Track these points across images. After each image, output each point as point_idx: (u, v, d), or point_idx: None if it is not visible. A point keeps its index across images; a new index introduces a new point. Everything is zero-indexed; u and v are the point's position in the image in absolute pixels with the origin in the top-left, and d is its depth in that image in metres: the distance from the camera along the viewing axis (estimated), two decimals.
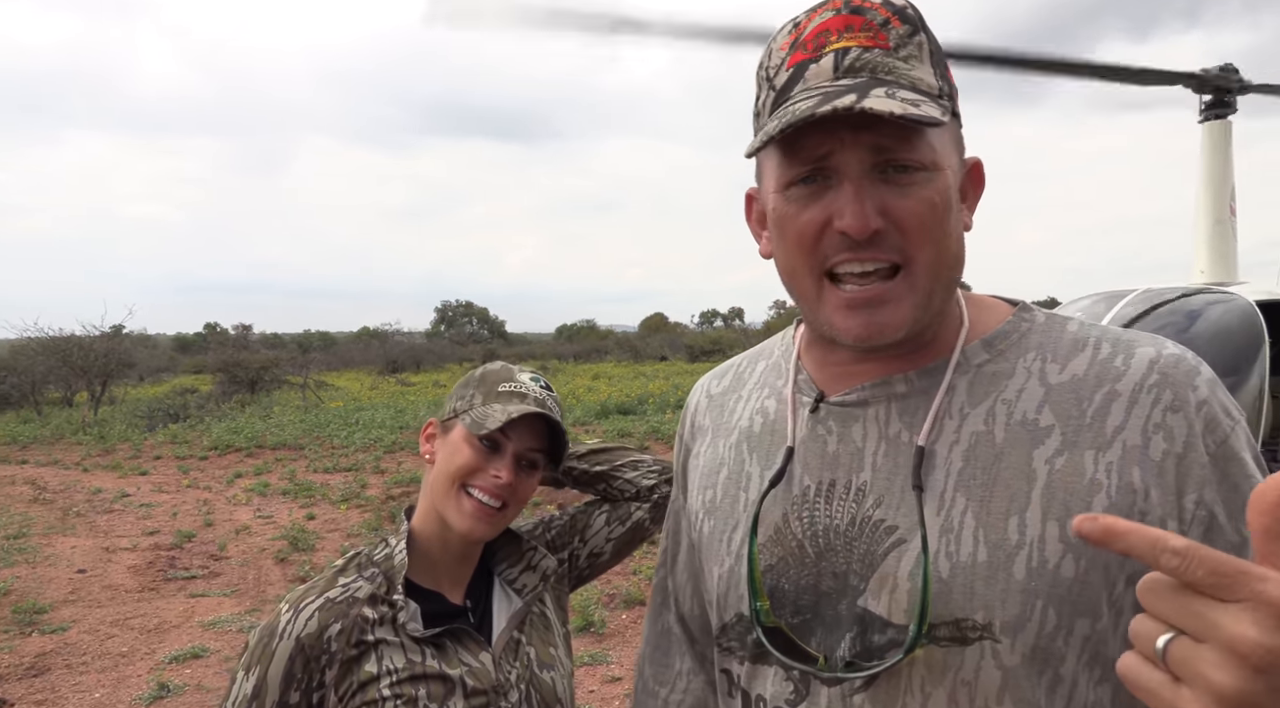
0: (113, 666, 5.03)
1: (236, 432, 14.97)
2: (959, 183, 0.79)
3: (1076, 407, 0.75)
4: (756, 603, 0.82)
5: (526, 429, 1.21)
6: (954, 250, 0.77)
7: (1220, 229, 6.12)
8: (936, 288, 0.77)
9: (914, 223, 0.73)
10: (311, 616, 1.12)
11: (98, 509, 9.45)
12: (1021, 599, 0.71)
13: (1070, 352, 0.78)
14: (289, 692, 1.09)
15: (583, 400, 18.39)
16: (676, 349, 40.33)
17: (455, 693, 1.14)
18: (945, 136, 0.76)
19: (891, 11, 0.75)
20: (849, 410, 0.83)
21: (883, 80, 0.72)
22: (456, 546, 1.24)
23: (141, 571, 6.96)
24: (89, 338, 20.72)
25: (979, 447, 0.76)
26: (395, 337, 43.68)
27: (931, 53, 0.76)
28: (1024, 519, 0.73)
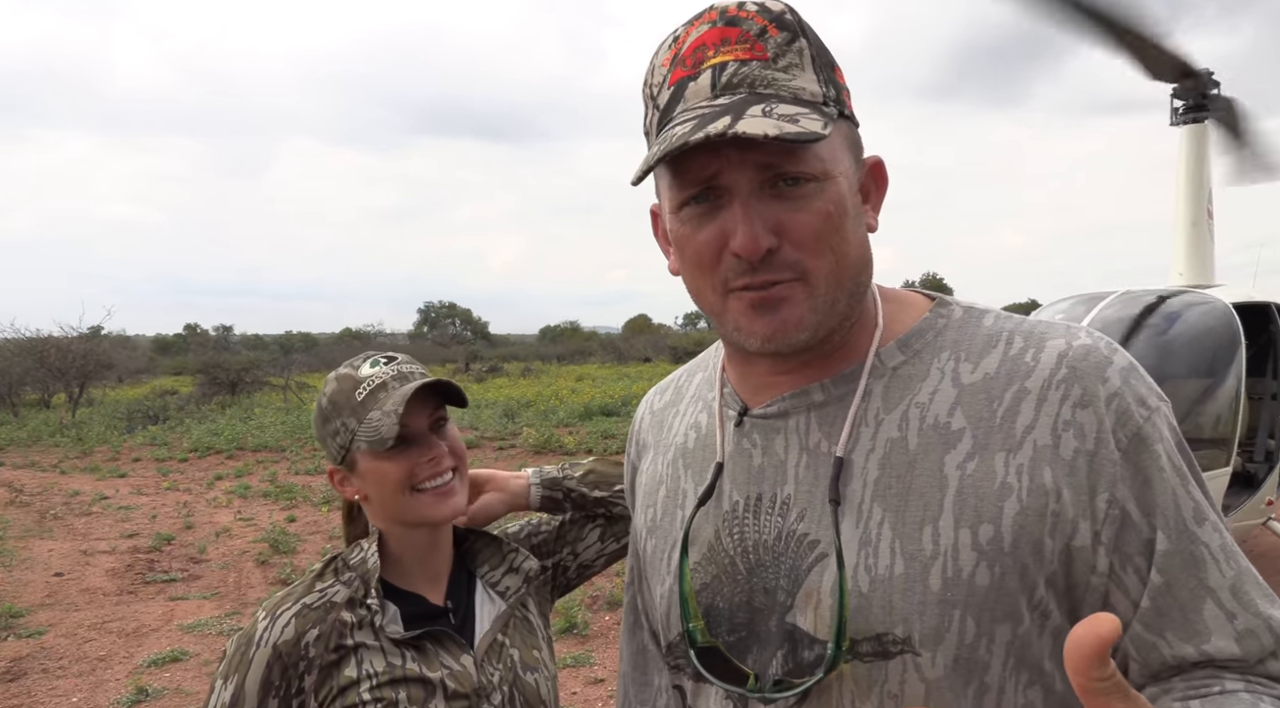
0: (90, 670, 4.97)
1: (217, 434, 14.85)
2: (856, 185, 0.77)
3: (988, 407, 0.73)
4: (689, 624, 0.81)
5: (414, 404, 1.17)
6: (855, 256, 0.76)
7: (1197, 232, 6.19)
8: (839, 295, 0.75)
9: (808, 236, 0.72)
10: (288, 623, 1.11)
11: (75, 512, 9.34)
12: (939, 611, 0.70)
13: (984, 349, 0.76)
14: (267, 700, 1.08)
15: (566, 402, 18.36)
16: (660, 350, 40.36)
17: (436, 696, 1.13)
18: (836, 142, 0.74)
19: (768, 19, 0.73)
20: (770, 423, 0.82)
21: (761, 95, 0.71)
22: (422, 540, 1.23)
23: (120, 573, 6.88)
24: (66, 339, 20.50)
25: (894, 454, 0.75)
26: (378, 338, 43.47)
27: (814, 57, 0.74)
28: (937, 528, 0.71)
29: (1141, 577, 0.70)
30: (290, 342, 51.61)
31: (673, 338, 42.70)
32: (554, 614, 5.64)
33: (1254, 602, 0.70)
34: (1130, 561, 0.70)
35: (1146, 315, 5.27)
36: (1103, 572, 0.71)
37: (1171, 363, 5.07)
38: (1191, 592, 0.69)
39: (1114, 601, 0.71)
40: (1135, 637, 0.71)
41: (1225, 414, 4.91)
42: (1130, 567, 0.70)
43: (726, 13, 0.74)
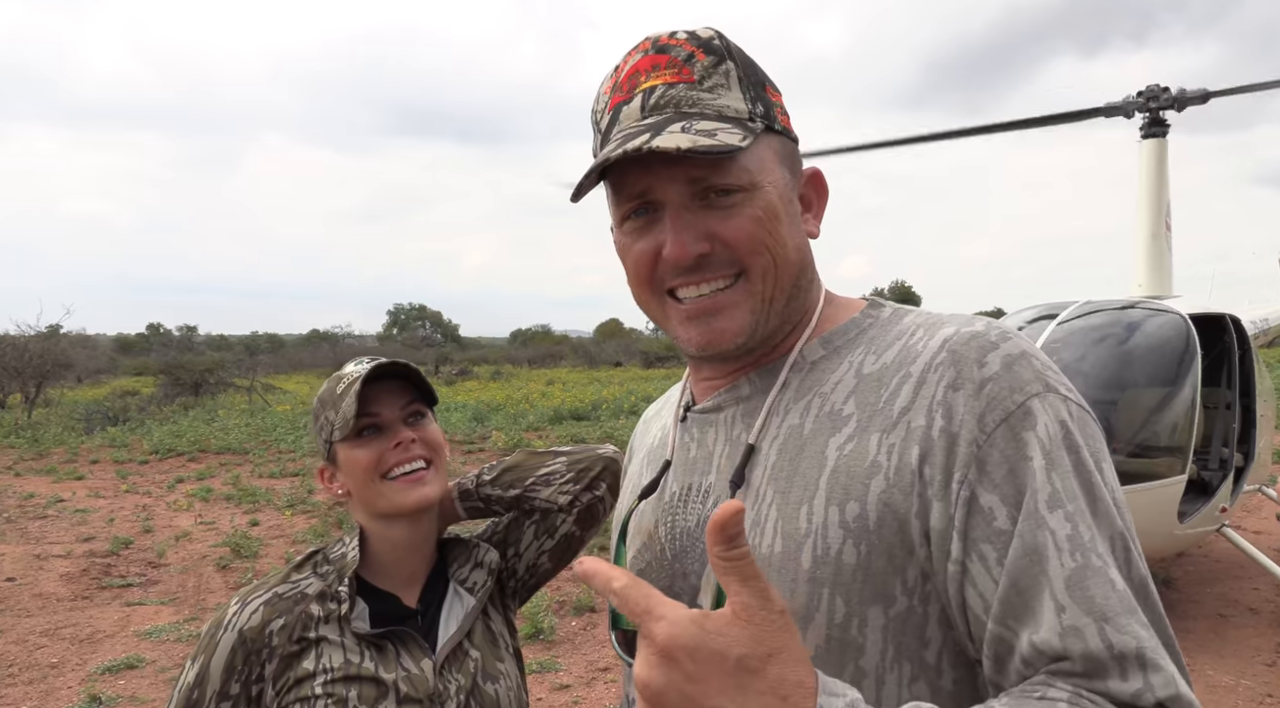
0: (41, 677, 4.85)
1: (179, 435, 14.59)
2: (793, 194, 0.82)
3: (876, 393, 0.75)
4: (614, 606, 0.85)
5: (385, 396, 1.22)
6: (791, 258, 0.80)
7: (1156, 244, 6.31)
8: (776, 294, 0.80)
9: (741, 239, 0.77)
10: (256, 610, 1.15)
11: (29, 515, 9.11)
12: (809, 589, 0.72)
13: (891, 342, 0.79)
14: (230, 682, 1.12)
15: (537, 406, 18.29)
16: (631, 355, 40.35)
17: (388, 698, 1.14)
18: (764, 154, 0.79)
19: (696, 45, 0.79)
20: (706, 417, 0.88)
21: (686, 113, 0.77)
22: (402, 535, 1.25)
23: (75, 578, 6.72)
24: (23, 338, 20.00)
25: (790, 440, 0.78)
26: (346, 340, 43.00)
27: (741, 78, 0.80)
28: (811, 507, 0.73)
29: (988, 566, 0.67)
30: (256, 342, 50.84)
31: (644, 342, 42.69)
32: (519, 620, 5.61)
33: (1092, 599, 0.63)
34: (977, 548, 0.67)
35: (1106, 325, 5.36)
36: (957, 559, 0.68)
37: (1129, 372, 5.16)
38: (1032, 580, 0.65)
39: (968, 594, 0.68)
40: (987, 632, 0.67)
41: (1181, 423, 5.01)
42: (977, 554, 0.67)
43: (658, 41, 0.80)
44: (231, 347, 40.42)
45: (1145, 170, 6.36)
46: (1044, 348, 5.19)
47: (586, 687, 4.60)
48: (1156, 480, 4.84)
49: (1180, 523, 4.99)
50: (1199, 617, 5.45)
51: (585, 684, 4.63)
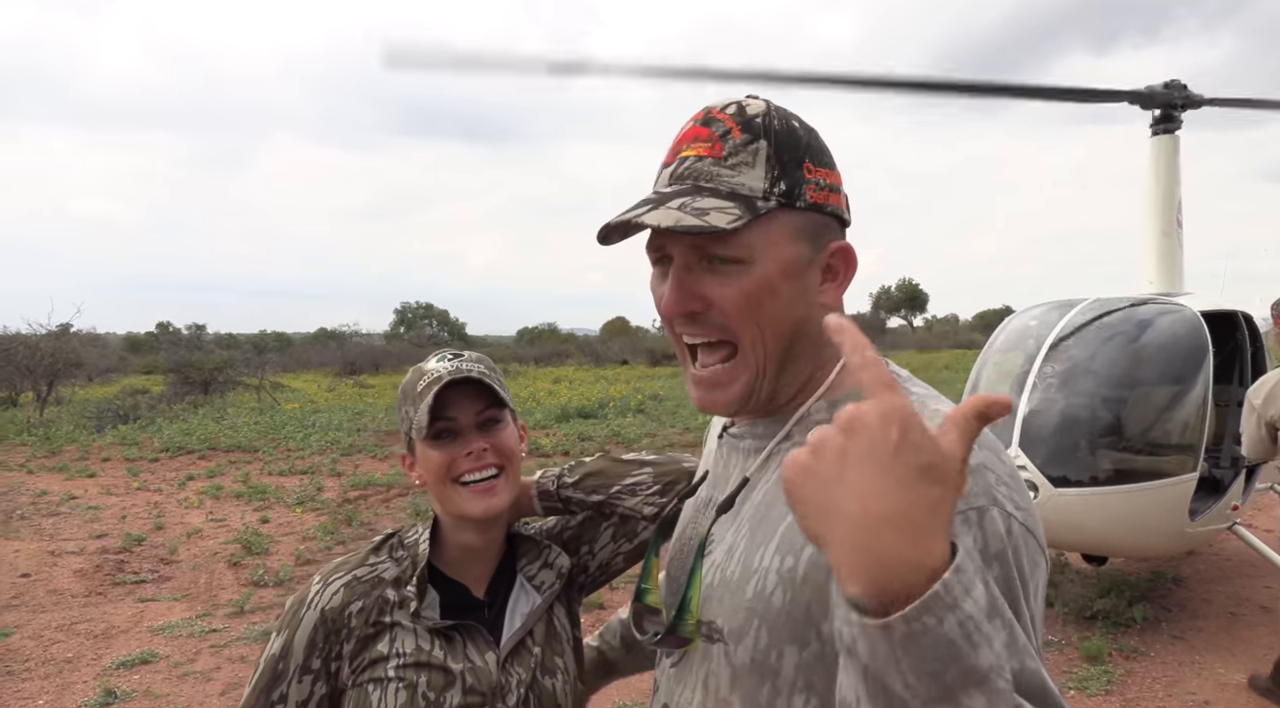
0: (57, 672, 4.89)
1: (189, 433, 14.66)
2: (804, 268, 0.88)
3: None
4: (643, 583, 1.02)
5: (462, 399, 1.22)
6: (781, 329, 0.87)
7: (1167, 241, 6.29)
8: (768, 363, 0.88)
9: (730, 307, 0.86)
10: (337, 591, 1.20)
11: (43, 512, 9.18)
12: (745, 616, 0.83)
13: None
14: (311, 657, 1.17)
15: (543, 403, 18.31)
16: (638, 353, 40.36)
17: (454, 687, 1.18)
18: (773, 230, 0.85)
19: (738, 121, 0.87)
20: (734, 442, 0.99)
21: (700, 188, 0.85)
22: (472, 540, 1.27)
23: (88, 574, 6.78)
24: (34, 337, 20.11)
25: (775, 488, 0.88)
26: (353, 338, 43.06)
27: (770, 156, 0.86)
28: (766, 551, 0.84)
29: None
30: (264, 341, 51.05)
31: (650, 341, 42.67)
32: None
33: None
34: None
35: (1117, 323, 5.35)
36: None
37: (1141, 370, 5.15)
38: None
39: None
40: None
41: (1193, 421, 4.99)
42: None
43: (710, 113, 0.88)
44: (240, 345, 40.59)
45: (1156, 166, 6.34)
46: (1054, 345, 5.19)
47: None
48: (1168, 478, 4.83)
49: (1191, 521, 4.98)
50: (1210, 615, 5.44)
51: None
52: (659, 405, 18.23)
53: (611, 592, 6.09)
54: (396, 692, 1.15)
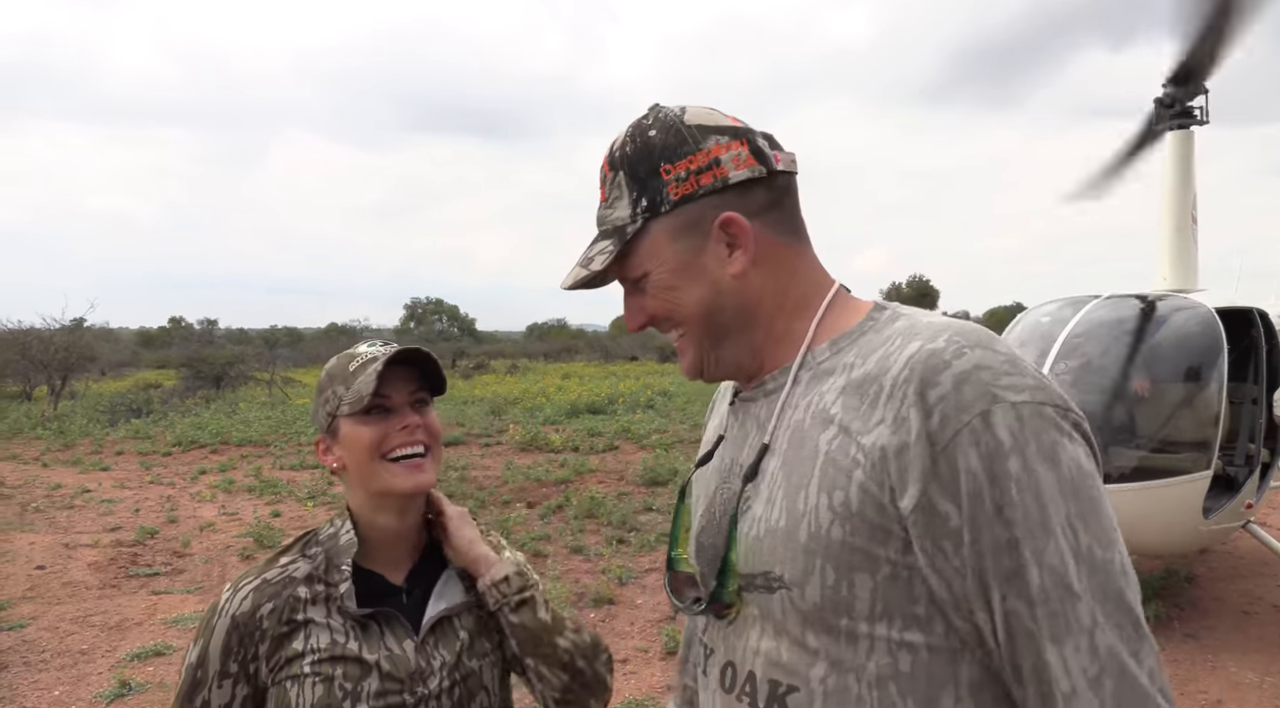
0: (73, 663, 4.94)
1: (201, 428, 14.75)
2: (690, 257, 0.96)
3: (857, 398, 0.86)
4: (673, 551, 1.06)
5: (397, 380, 1.26)
6: (697, 313, 0.97)
7: (1181, 237, 6.24)
8: (705, 338, 0.99)
9: (655, 312, 0.99)
10: (246, 595, 1.22)
11: (57, 505, 9.26)
12: (805, 558, 0.86)
13: (877, 348, 0.89)
14: (228, 662, 1.20)
15: (553, 399, 18.34)
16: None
17: (370, 675, 1.21)
18: (650, 242, 0.96)
19: (609, 161, 0.99)
20: (745, 405, 1.03)
21: (601, 233, 0.99)
22: (391, 521, 1.29)
23: (103, 567, 6.83)
24: (49, 331, 20.27)
25: (795, 432, 0.92)
26: (364, 334, 43.23)
27: (628, 181, 0.96)
28: (808, 491, 0.87)
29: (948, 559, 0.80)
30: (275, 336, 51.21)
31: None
32: None
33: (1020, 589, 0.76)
34: (940, 543, 0.80)
35: (1130, 319, 5.32)
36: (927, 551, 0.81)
37: (1155, 367, 5.12)
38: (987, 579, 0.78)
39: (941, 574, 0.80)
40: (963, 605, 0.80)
41: (1207, 418, 4.96)
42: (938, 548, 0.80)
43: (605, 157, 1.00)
44: (251, 340, 40.75)
45: (1171, 162, 6.29)
46: (1066, 342, 5.16)
47: None
48: (1182, 476, 4.80)
49: (1205, 519, 4.95)
50: (1223, 614, 5.41)
51: None
52: (668, 401, 18.23)
53: (620, 587, 6.11)
54: (313, 686, 1.18)
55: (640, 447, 12.46)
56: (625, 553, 7.03)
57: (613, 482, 9.93)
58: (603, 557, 6.89)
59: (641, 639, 5.16)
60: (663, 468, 10.07)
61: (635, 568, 6.56)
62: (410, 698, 1.22)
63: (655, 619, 5.48)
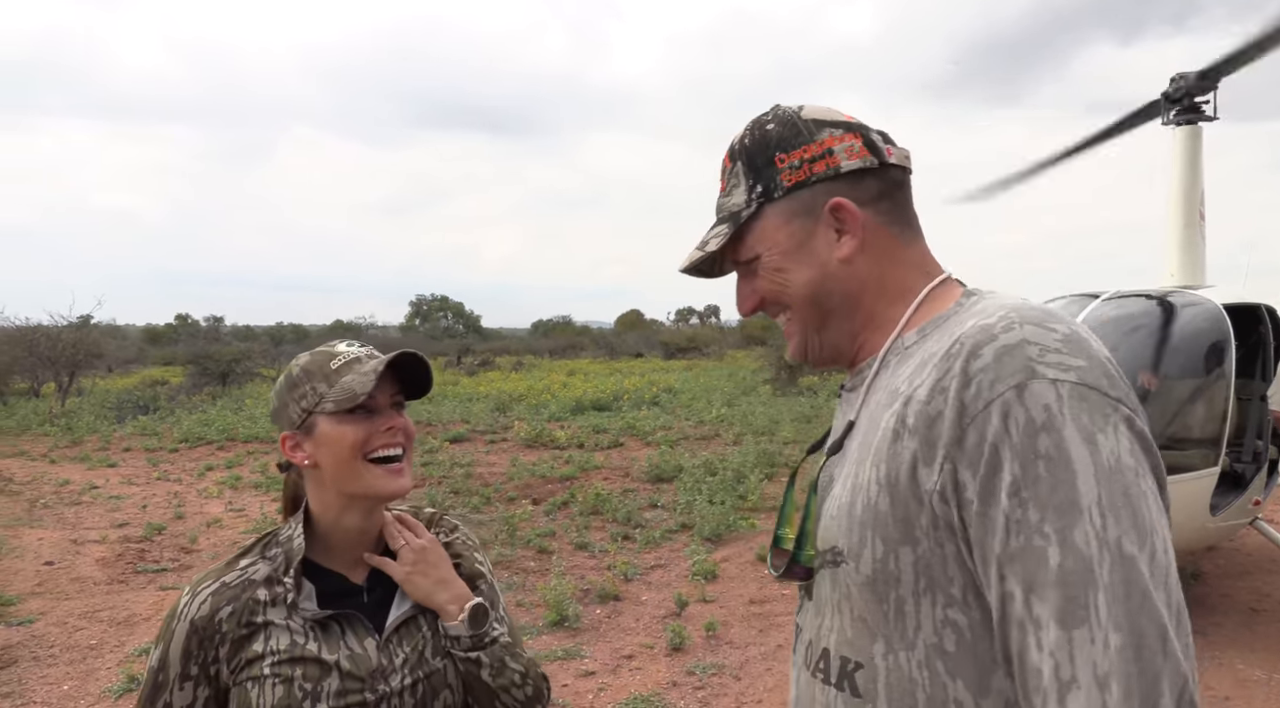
0: (81, 658, 4.97)
1: (207, 424, 14.80)
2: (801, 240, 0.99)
3: (918, 374, 0.88)
4: (779, 530, 1.06)
5: (381, 382, 1.27)
6: (805, 295, 1.00)
7: (1189, 233, 6.21)
8: (810, 321, 1.02)
9: (764, 294, 1.03)
10: (205, 600, 1.22)
11: (65, 501, 9.30)
12: (859, 530, 0.88)
13: (952, 329, 0.90)
14: (188, 665, 1.21)
15: (558, 396, 18.35)
16: (652, 346, 40.35)
17: (330, 675, 1.21)
18: (763, 225, 1.00)
19: (729, 152, 1.05)
20: (847, 395, 1.05)
21: (719, 219, 1.05)
22: (357, 521, 1.30)
23: (111, 563, 6.86)
24: (56, 328, 20.34)
25: (873, 412, 0.94)
26: (369, 331, 43.32)
27: (745, 170, 1.02)
28: (865, 466, 0.90)
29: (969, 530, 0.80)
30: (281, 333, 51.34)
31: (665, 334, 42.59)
32: (543, 607, 5.64)
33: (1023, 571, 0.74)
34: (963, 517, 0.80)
35: (1138, 315, 5.30)
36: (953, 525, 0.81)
37: (1163, 363, 5.10)
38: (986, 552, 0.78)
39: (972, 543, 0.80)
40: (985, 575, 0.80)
41: (1215, 415, 4.95)
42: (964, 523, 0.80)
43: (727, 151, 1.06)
44: (257, 337, 40.81)
45: (1179, 158, 6.26)
46: None
47: (611, 674, 4.64)
48: (1189, 473, 4.78)
49: (1212, 516, 4.93)
50: (1230, 610, 5.40)
51: (610, 672, 4.66)
52: (673, 398, 18.23)
53: (626, 583, 6.11)
54: (273, 687, 1.19)
55: (645, 443, 12.46)
56: (630, 549, 7.04)
57: (618, 478, 9.94)
58: (608, 553, 6.90)
59: (646, 636, 5.17)
60: (668, 465, 10.08)
61: (640, 564, 6.57)
62: (371, 696, 1.23)
63: (660, 615, 5.49)
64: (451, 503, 8.41)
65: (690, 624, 5.23)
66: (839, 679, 0.91)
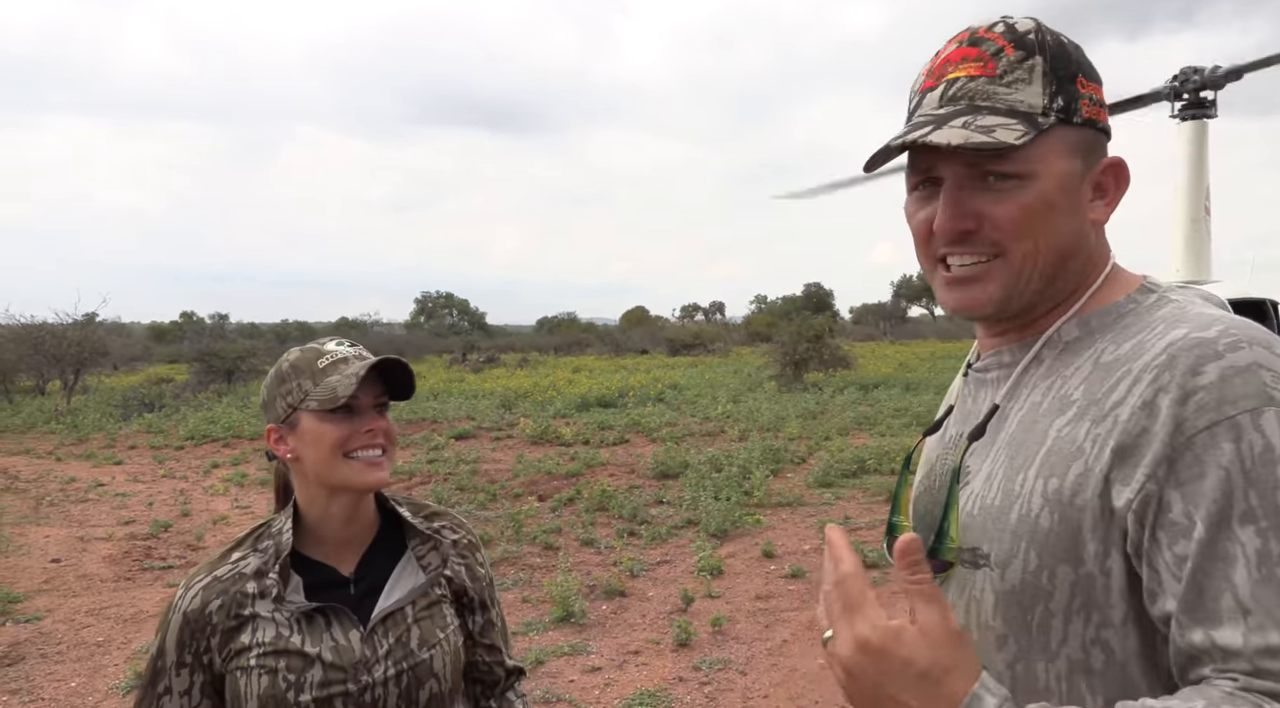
0: (89, 655, 4.99)
1: (213, 422, 14.84)
2: (1078, 183, 0.87)
3: (1101, 385, 0.81)
4: (894, 517, 1.02)
5: (365, 383, 1.30)
6: (1056, 244, 0.86)
7: (1195, 228, 6.20)
8: (1033, 275, 0.87)
9: (1006, 222, 0.85)
10: (197, 593, 1.28)
11: (71, 499, 9.34)
12: (1011, 539, 0.83)
13: (1135, 333, 0.83)
14: (183, 654, 1.27)
15: (563, 393, 18.36)
16: (657, 343, 40.37)
17: (313, 667, 1.26)
18: (1052, 146, 0.85)
19: (1009, 39, 0.86)
20: (978, 376, 1.00)
21: (977, 107, 0.85)
22: (341, 511, 1.34)
23: (117, 560, 6.89)
24: (61, 326, 20.43)
25: (1029, 414, 0.88)
26: (374, 328, 43.41)
27: (1046, 72, 0.85)
28: (1027, 475, 0.84)
29: (1164, 558, 0.73)
30: (286, 330, 51.47)
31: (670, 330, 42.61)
32: (550, 603, 5.64)
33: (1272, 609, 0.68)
34: (1155, 537, 0.74)
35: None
36: (1143, 545, 0.75)
37: None
38: (1215, 584, 0.70)
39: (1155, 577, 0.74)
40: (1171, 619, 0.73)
41: None
42: (1161, 548, 0.73)
43: (976, 33, 0.88)
44: (262, 334, 40.96)
45: (1185, 153, 6.24)
46: None
47: (618, 669, 4.64)
48: None
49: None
50: None
51: (616, 667, 4.67)
52: (678, 395, 18.23)
53: (632, 579, 6.12)
54: (259, 677, 1.24)
55: (651, 440, 12.47)
56: (636, 545, 7.04)
57: (623, 475, 9.94)
58: (614, 549, 6.90)
59: (653, 631, 5.18)
60: (673, 461, 10.08)
61: (646, 560, 6.58)
62: (354, 687, 1.26)
63: (666, 611, 5.49)
64: (457, 499, 8.41)
65: (696, 620, 5.24)
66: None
